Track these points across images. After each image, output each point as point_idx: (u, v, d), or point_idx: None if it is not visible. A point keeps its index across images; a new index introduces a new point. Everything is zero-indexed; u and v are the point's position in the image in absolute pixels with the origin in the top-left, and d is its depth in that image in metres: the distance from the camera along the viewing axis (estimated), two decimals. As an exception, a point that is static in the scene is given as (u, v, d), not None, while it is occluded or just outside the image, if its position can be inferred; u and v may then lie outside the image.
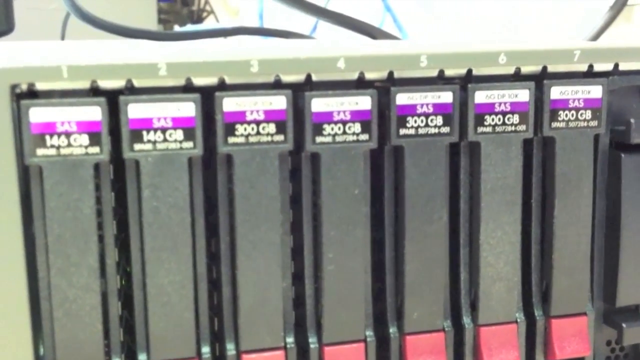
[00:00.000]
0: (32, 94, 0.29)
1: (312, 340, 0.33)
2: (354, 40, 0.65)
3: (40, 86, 0.29)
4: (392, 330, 0.33)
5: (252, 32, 0.75)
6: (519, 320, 0.35)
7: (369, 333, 0.33)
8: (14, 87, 0.29)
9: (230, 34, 0.73)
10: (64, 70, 0.29)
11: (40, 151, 0.29)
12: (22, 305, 0.29)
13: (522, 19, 0.85)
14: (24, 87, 0.29)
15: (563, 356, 0.35)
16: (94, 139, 0.29)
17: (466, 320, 0.34)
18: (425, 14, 0.89)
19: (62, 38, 1.04)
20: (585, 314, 0.35)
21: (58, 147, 0.29)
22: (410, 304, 0.33)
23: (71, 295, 0.30)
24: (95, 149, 0.29)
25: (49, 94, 0.29)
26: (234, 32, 0.73)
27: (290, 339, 0.32)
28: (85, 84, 0.29)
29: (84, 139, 0.29)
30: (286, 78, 0.31)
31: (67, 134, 0.29)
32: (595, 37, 0.64)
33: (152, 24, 1.43)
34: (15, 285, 0.29)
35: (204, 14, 1.48)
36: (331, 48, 0.37)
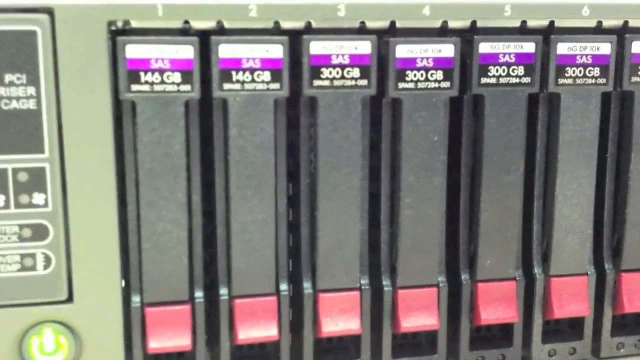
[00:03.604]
0: (127, 31, 0.30)
1: (386, 283, 0.33)
2: None
3: (135, 24, 0.30)
4: (464, 277, 0.34)
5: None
6: (589, 272, 0.35)
7: (442, 279, 0.34)
8: (110, 23, 0.29)
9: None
10: (159, 9, 0.30)
11: (134, 87, 0.30)
12: (111, 236, 0.30)
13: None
14: (120, 24, 0.30)
15: (631, 309, 0.35)
16: (186, 77, 0.30)
17: (537, 270, 0.35)
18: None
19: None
20: (655, 269, 0.36)
21: (152, 84, 0.30)
22: (484, 252, 0.34)
23: (159, 229, 0.31)
24: (186, 87, 0.30)
25: (143, 32, 0.30)
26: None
27: (365, 281, 0.33)
28: (177, 24, 0.30)
29: (177, 77, 0.30)
30: (371, 24, 0.32)
31: (161, 71, 0.30)
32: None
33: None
34: (106, 216, 0.30)
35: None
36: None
